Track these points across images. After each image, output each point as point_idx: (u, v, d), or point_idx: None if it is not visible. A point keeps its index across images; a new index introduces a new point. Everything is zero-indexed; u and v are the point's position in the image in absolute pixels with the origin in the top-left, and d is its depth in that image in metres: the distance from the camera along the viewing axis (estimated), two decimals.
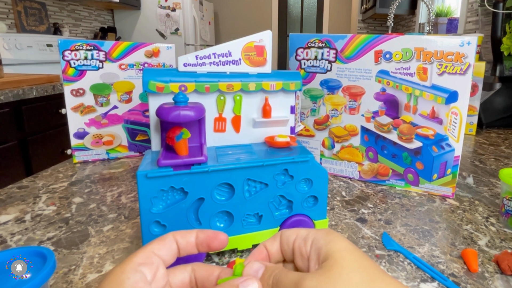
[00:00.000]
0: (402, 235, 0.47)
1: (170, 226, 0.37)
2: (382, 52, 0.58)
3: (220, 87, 0.41)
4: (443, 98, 0.56)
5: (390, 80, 0.59)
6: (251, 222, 0.41)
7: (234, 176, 0.38)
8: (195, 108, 0.36)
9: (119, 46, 0.72)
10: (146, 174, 0.35)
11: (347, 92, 0.63)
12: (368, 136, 0.63)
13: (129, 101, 0.76)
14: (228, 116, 0.43)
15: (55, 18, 2.51)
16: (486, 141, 0.96)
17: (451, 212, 0.54)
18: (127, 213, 0.52)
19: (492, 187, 0.64)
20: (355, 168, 0.66)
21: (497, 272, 0.40)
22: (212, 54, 0.41)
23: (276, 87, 0.43)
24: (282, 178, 0.40)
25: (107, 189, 0.61)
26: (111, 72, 0.73)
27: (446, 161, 0.58)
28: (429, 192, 0.61)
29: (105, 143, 0.76)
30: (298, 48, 0.65)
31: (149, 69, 0.39)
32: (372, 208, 0.55)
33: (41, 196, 0.58)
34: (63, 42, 0.69)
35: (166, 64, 0.78)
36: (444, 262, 0.41)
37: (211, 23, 3.90)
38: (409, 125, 0.60)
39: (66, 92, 0.71)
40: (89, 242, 0.45)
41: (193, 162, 0.36)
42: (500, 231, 0.48)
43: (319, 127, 0.67)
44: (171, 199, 0.37)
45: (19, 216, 0.51)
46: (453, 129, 0.57)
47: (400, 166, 0.62)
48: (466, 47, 0.53)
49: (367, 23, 3.97)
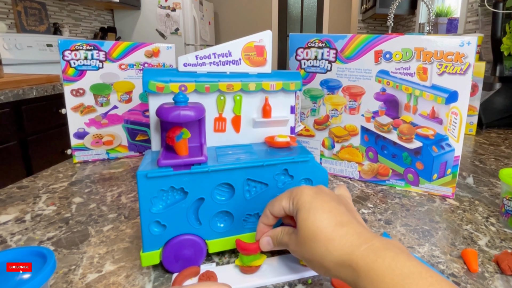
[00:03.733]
0: (402, 235, 0.47)
1: (170, 226, 0.37)
2: (382, 52, 0.58)
3: (220, 87, 0.41)
4: (443, 98, 0.56)
5: (390, 80, 0.59)
6: (251, 222, 0.41)
7: (234, 176, 0.38)
8: (195, 108, 0.36)
9: (119, 46, 0.72)
10: (146, 174, 0.35)
11: (347, 92, 0.63)
12: (368, 136, 0.63)
13: (129, 101, 0.76)
14: (228, 116, 0.43)
15: (55, 18, 2.51)
16: (486, 141, 0.96)
17: (451, 212, 0.54)
18: (127, 213, 0.52)
19: (492, 187, 0.64)
20: (355, 168, 0.66)
21: (497, 272, 0.40)
22: (212, 54, 0.41)
23: (276, 87, 0.43)
24: (282, 178, 0.40)
25: (107, 189, 0.61)
26: (111, 72, 0.73)
27: (446, 161, 0.58)
28: (429, 192, 0.61)
29: (105, 143, 0.76)
30: (298, 48, 0.65)
31: (149, 69, 0.39)
32: (372, 208, 0.55)
33: (41, 196, 0.58)
34: (63, 42, 0.69)
35: (166, 64, 0.78)
36: (444, 262, 0.41)
37: (211, 23, 3.90)
38: (409, 125, 0.60)
39: (66, 92, 0.71)
40: (89, 242, 0.45)
41: (193, 162, 0.36)
42: (500, 231, 0.48)
43: (319, 127, 0.67)
44: (171, 199, 0.37)
45: (19, 216, 0.51)
46: (453, 129, 0.57)
47: (400, 166, 0.62)
48: (466, 47, 0.53)
49: (367, 23, 3.98)
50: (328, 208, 0.30)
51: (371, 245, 0.27)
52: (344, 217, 0.30)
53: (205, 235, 0.39)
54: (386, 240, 0.28)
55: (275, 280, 0.37)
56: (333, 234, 0.28)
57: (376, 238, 0.28)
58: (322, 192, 0.33)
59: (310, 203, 0.31)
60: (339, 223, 0.29)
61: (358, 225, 0.30)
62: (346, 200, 0.35)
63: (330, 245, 0.28)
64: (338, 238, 0.28)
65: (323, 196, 0.32)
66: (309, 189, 0.33)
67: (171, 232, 0.37)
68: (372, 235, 0.28)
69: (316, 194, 0.32)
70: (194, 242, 0.38)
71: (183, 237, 0.38)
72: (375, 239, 0.27)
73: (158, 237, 0.37)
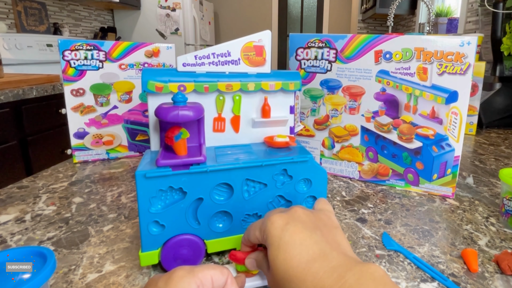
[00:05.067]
0: (402, 235, 0.47)
1: (168, 226, 0.37)
2: (382, 52, 0.58)
3: (219, 87, 0.41)
4: (443, 98, 0.56)
5: (390, 80, 0.59)
6: (250, 222, 0.41)
7: (233, 176, 0.38)
8: (194, 108, 0.36)
9: (119, 46, 0.72)
10: (145, 174, 0.35)
11: (347, 92, 0.63)
12: (368, 136, 0.63)
13: (129, 101, 0.76)
14: (227, 116, 0.43)
15: (55, 18, 2.51)
16: (486, 141, 0.95)
17: (451, 212, 0.54)
18: (127, 213, 0.52)
19: (492, 187, 0.64)
20: (355, 168, 0.66)
21: (497, 272, 0.40)
22: (211, 54, 0.41)
23: (275, 87, 0.43)
24: (281, 178, 0.40)
25: (107, 189, 0.61)
26: (111, 72, 0.73)
27: (446, 161, 0.58)
28: (429, 192, 0.60)
29: (105, 143, 0.76)
30: (298, 48, 0.65)
31: (148, 69, 0.39)
32: (372, 208, 0.55)
33: (41, 196, 0.58)
34: (63, 42, 0.69)
35: (166, 64, 0.78)
36: (444, 262, 0.41)
37: (211, 23, 3.90)
38: (409, 125, 0.60)
39: (66, 92, 0.71)
40: (89, 242, 0.45)
41: (192, 162, 0.36)
42: (500, 231, 0.48)
43: (319, 127, 0.67)
44: (170, 199, 0.37)
45: (19, 216, 0.51)
46: (453, 129, 0.57)
47: (400, 166, 0.62)
48: (466, 47, 0.53)
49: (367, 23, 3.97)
50: (299, 240, 0.28)
51: (343, 283, 0.24)
52: (316, 249, 0.27)
53: (204, 235, 0.39)
54: (361, 272, 0.25)
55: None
56: (304, 274, 0.26)
57: (350, 272, 0.25)
58: (293, 220, 0.30)
59: (280, 238, 0.28)
60: (311, 258, 0.27)
61: (332, 255, 0.27)
62: (326, 215, 0.32)
63: (302, 286, 0.26)
64: (310, 278, 0.26)
65: (294, 226, 0.29)
66: (279, 218, 0.30)
67: (170, 232, 0.37)
68: (346, 268, 0.26)
69: (286, 225, 0.29)
70: (193, 242, 0.38)
71: (182, 237, 0.38)
72: (348, 274, 0.25)
73: (157, 237, 0.37)
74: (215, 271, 0.28)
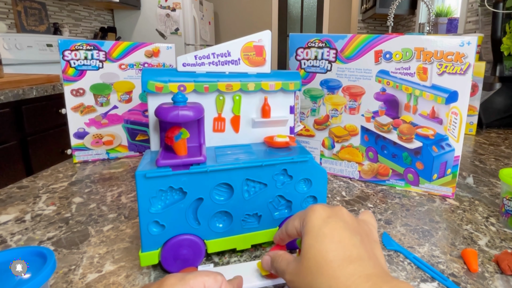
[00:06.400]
0: (402, 235, 0.47)
1: (168, 226, 0.37)
2: (382, 52, 0.58)
3: (219, 87, 0.41)
4: (443, 98, 0.56)
5: (390, 80, 0.59)
6: (250, 222, 0.41)
7: (233, 176, 0.38)
8: (194, 108, 0.36)
9: (119, 46, 0.72)
10: (145, 174, 0.35)
11: (347, 92, 0.63)
12: (368, 136, 0.63)
13: (129, 101, 0.76)
14: (227, 116, 0.43)
15: (55, 18, 2.51)
16: (486, 141, 0.95)
17: (451, 212, 0.54)
18: (127, 213, 0.52)
19: (492, 187, 0.64)
20: (355, 168, 0.66)
21: (497, 272, 0.40)
22: (211, 54, 0.41)
23: (275, 87, 0.43)
24: (281, 178, 0.40)
25: (107, 189, 0.61)
26: (111, 72, 0.73)
27: (446, 161, 0.58)
28: (429, 192, 0.60)
29: (105, 143, 0.76)
30: (298, 48, 0.65)
31: (148, 69, 0.39)
32: (372, 208, 0.55)
33: (41, 196, 0.58)
34: (63, 42, 0.69)
35: (166, 64, 0.78)
36: (444, 262, 0.41)
37: (211, 23, 3.90)
38: (409, 125, 0.60)
39: (66, 92, 0.71)
40: (89, 242, 0.45)
41: (192, 162, 0.36)
42: (500, 231, 0.48)
43: (319, 127, 0.67)
44: (170, 199, 0.37)
45: (19, 216, 0.51)
46: (453, 129, 0.57)
47: (400, 166, 0.62)
48: (466, 47, 0.53)
49: (367, 23, 3.97)
50: (338, 237, 0.27)
51: None
52: (354, 251, 0.26)
53: (204, 235, 0.39)
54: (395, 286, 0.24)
55: (276, 281, 0.37)
56: (338, 272, 0.25)
57: (386, 284, 0.24)
58: (336, 216, 0.29)
59: (319, 228, 0.28)
60: (347, 258, 0.26)
61: (369, 264, 0.26)
62: (368, 228, 0.31)
63: (334, 283, 0.25)
64: (344, 278, 0.25)
65: (336, 222, 0.28)
66: (322, 210, 0.29)
67: (170, 232, 0.37)
68: (382, 279, 0.25)
69: (328, 218, 0.28)
70: (193, 242, 0.38)
71: (182, 237, 0.38)
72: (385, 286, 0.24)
73: (157, 237, 0.37)
74: (208, 277, 0.28)
